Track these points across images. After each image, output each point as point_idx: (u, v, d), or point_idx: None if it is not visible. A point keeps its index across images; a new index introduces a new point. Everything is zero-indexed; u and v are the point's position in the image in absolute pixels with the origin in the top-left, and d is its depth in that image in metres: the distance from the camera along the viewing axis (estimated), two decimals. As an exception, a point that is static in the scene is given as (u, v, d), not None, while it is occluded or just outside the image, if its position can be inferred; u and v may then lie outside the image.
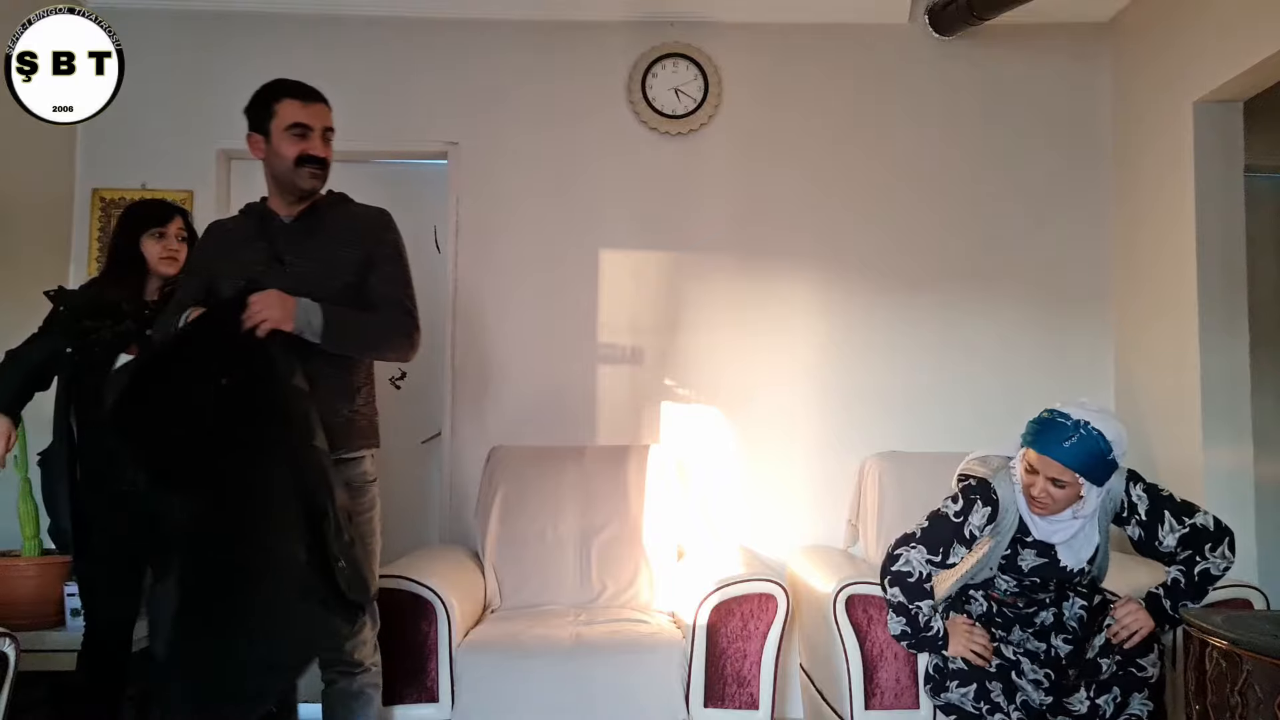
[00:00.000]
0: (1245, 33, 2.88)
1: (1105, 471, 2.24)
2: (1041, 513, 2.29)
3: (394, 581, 2.70)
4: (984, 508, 2.34)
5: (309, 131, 2.35)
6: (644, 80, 3.58)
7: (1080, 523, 2.30)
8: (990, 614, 2.44)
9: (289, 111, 2.33)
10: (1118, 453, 2.23)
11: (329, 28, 3.60)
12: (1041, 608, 2.40)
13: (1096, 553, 2.35)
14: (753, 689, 2.68)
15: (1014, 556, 2.36)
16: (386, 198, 3.68)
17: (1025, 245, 3.60)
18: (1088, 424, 2.21)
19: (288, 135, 2.33)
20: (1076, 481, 2.22)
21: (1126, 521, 2.33)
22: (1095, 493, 2.26)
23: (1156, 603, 2.32)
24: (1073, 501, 2.26)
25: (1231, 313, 3.10)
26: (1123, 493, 2.31)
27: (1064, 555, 2.34)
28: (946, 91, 3.63)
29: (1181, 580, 2.30)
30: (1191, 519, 2.30)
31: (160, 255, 2.72)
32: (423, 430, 3.67)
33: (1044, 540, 2.33)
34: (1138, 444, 3.43)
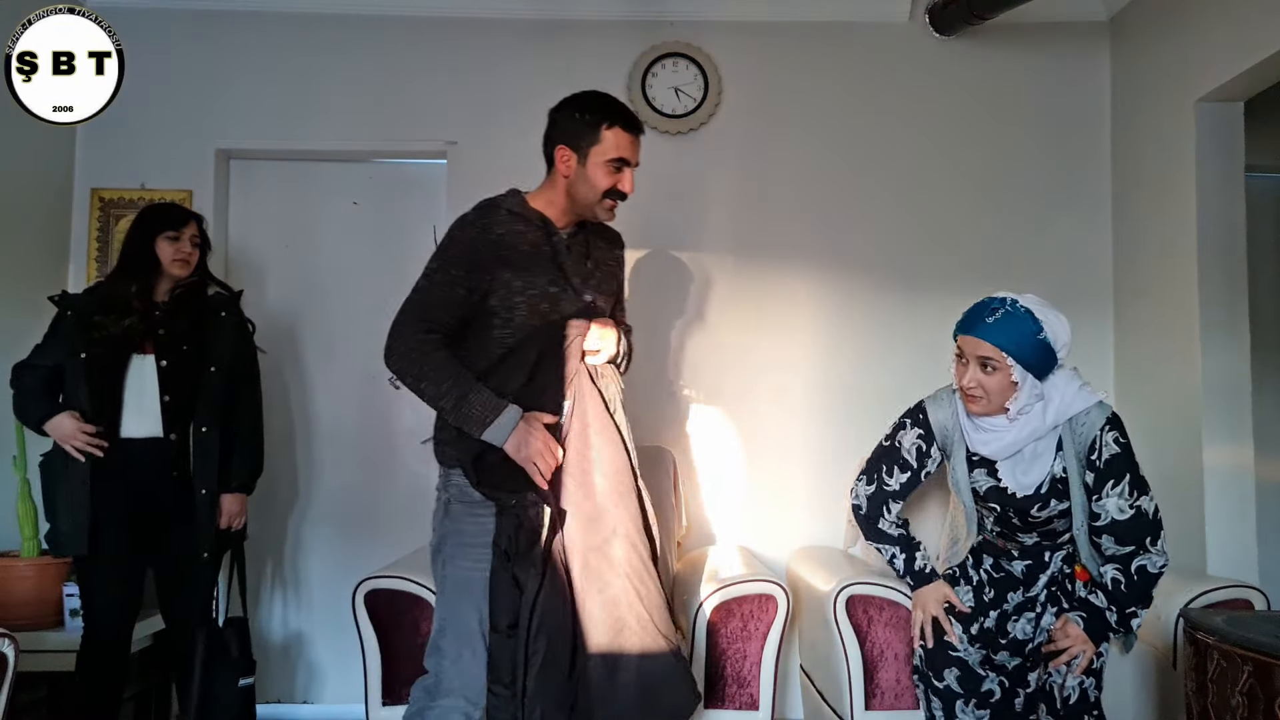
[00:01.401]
0: (1246, 32, 2.89)
1: (1037, 356, 2.06)
2: (974, 409, 2.14)
3: (394, 581, 2.70)
4: (913, 428, 2.30)
5: (626, 166, 2.27)
6: (644, 80, 3.57)
7: (1018, 430, 2.13)
8: (981, 584, 2.36)
9: (618, 143, 2.26)
10: (1052, 338, 2.07)
11: (329, 27, 3.60)
12: (1024, 562, 2.29)
13: (1050, 485, 2.17)
14: (753, 689, 2.68)
15: (972, 480, 2.26)
16: (385, 197, 3.72)
17: (1025, 245, 3.60)
18: (1015, 301, 2.10)
19: (606, 166, 2.26)
20: (1005, 363, 2.06)
21: (1093, 464, 2.14)
22: (1030, 384, 2.09)
23: (1100, 618, 2.19)
24: (1007, 394, 2.10)
25: (1232, 313, 3.10)
26: (1097, 430, 2.12)
27: (1005, 476, 2.19)
28: (946, 91, 3.63)
29: (1122, 581, 2.17)
30: (1139, 500, 2.14)
31: (173, 257, 2.74)
32: (423, 430, 3.65)
33: (982, 454, 2.19)
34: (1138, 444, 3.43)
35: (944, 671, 2.29)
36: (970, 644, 2.30)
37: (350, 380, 3.66)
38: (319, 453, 3.65)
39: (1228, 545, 3.04)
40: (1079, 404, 2.13)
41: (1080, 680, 2.17)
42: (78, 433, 2.63)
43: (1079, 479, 2.15)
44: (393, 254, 3.69)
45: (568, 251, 2.31)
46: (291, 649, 3.59)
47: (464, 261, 2.23)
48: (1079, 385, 2.14)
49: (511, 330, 2.22)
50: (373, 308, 3.66)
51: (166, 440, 2.71)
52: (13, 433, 2.99)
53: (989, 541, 2.34)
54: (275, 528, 3.59)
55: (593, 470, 2.19)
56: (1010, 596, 2.32)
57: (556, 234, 2.30)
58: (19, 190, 3.29)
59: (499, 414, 2.12)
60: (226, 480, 2.82)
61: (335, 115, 3.61)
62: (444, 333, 2.22)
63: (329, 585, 3.55)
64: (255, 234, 3.68)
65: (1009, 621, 2.31)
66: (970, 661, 2.29)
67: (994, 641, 2.31)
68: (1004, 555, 2.32)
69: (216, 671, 2.79)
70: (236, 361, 2.87)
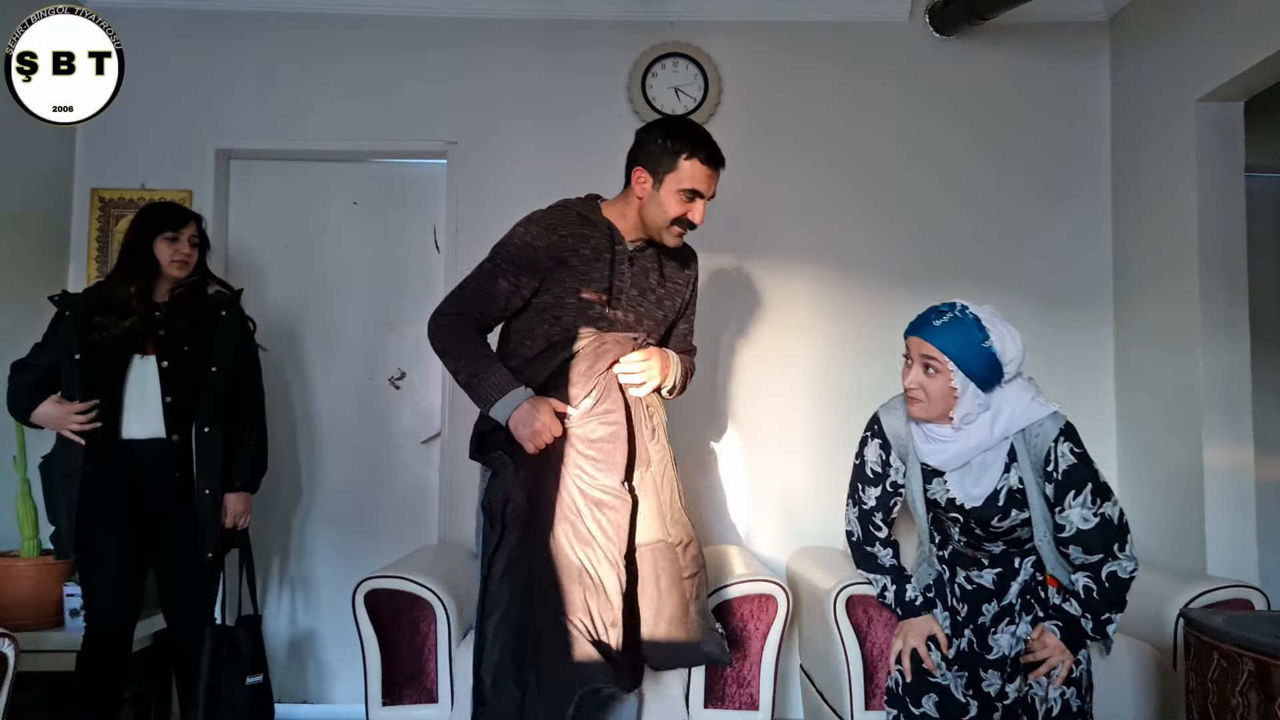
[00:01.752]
0: (1246, 32, 2.88)
1: (980, 364, 2.04)
2: (915, 412, 2.13)
3: (394, 582, 2.70)
4: (873, 440, 2.29)
5: (699, 197, 2.30)
6: (644, 79, 3.58)
7: (964, 441, 2.10)
8: (954, 603, 2.33)
9: (694, 175, 2.29)
10: (998, 349, 2.04)
11: (329, 27, 3.60)
12: (994, 570, 2.26)
13: (1008, 496, 2.14)
14: (753, 689, 2.68)
15: (931, 490, 2.23)
16: (385, 197, 3.72)
17: (1025, 245, 3.60)
18: (965, 308, 2.08)
19: (679, 194, 2.29)
20: (946, 367, 2.04)
21: (1050, 476, 2.12)
22: (972, 393, 2.06)
23: (1075, 626, 2.17)
24: (948, 400, 2.07)
25: (1232, 313, 3.10)
26: (1051, 441, 2.09)
27: (954, 487, 2.16)
28: (946, 91, 3.63)
29: (1094, 589, 2.15)
30: (1102, 507, 2.14)
31: (172, 258, 2.74)
32: (423, 430, 3.67)
33: (930, 465, 2.17)
34: (1138, 444, 3.44)
35: (922, 699, 2.23)
36: (949, 667, 2.24)
37: (351, 380, 3.66)
38: (320, 452, 3.65)
39: (1228, 545, 3.04)
40: (1030, 416, 2.10)
41: (1061, 691, 2.13)
42: (67, 415, 2.62)
43: (1038, 490, 2.12)
44: (393, 254, 3.69)
45: (630, 264, 2.35)
46: (294, 648, 3.59)
47: (516, 259, 2.33)
48: (1031, 397, 2.12)
49: (560, 330, 2.31)
50: (373, 307, 3.68)
51: (169, 441, 2.70)
52: (13, 433, 2.99)
53: (958, 552, 2.30)
54: (277, 527, 3.59)
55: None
56: (985, 609, 2.27)
57: (621, 243, 2.35)
58: (19, 190, 3.29)
59: (506, 392, 2.23)
60: (230, 479, 2.82)
61: (335, 115, 3.61)
62: (480, 322, 2.36)
63: (331, 585, 3.55)
64: (255, 234, 3.68)
65: (989, 636, 2.25)
66: (950, 687, 2.23)
67: (977, 662, 2.24)
68: (974, 565, 2.29)
69: (223, 670, 2.79)
70: (238, 360, 2.87)
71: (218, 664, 2.78)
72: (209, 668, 2.77)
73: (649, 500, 2.29)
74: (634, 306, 2.37)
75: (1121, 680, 2.69)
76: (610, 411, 2.29)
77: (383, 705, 2.69)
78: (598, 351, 2.30)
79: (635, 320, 2.38)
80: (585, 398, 2.28)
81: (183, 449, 2.72)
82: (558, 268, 2.31)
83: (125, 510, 2.67)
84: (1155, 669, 2.71)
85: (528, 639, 2.19)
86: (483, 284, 2.34)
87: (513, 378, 2.27)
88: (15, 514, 3.02)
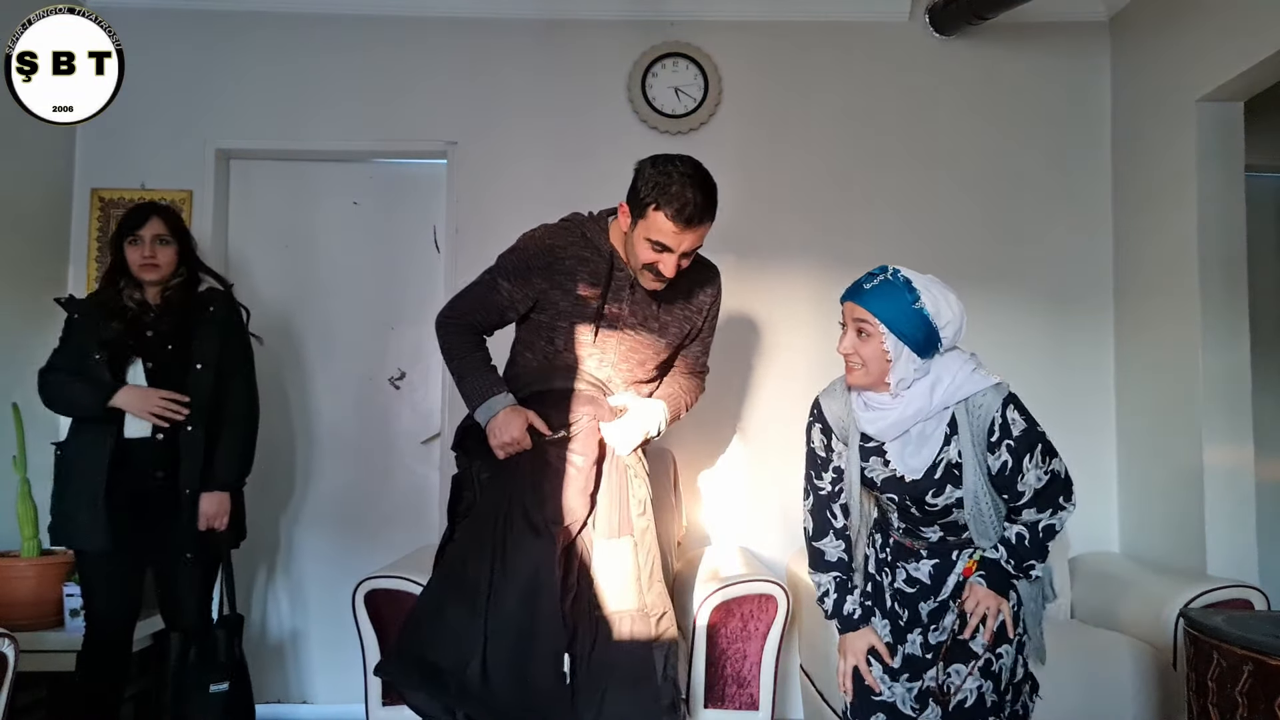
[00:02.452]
0: (1246, 32, 2.89)
1: (912, 325, 1.99)
2: (852, 379, 2.09)
3: (393, 581, 2.70)
4: (815, 425, 2.26)
5: (667, 251, 2.23)
6: (644, 79, 3.58)
7: (903, 408, 2.05)
8: (892, 607, 2.24)
9: (660, 228, 2.20)
10: (931, 311, 1.99)
11: (329, 27, 3.60)
12: (931, 562, 2.19)
13: (945, 470, 2.07)
14: (753, 689, 2.68)
15: (870, 468, 2.17)
16: (385, 197, 3.72)
17: (1025, 245, 3.60)
18: (897, 271, 2.03)
19: (646, 243, 2.23)
20: (877, 329, 1.99)
21: (997, 445, 2.05)
22: (907, 356, 2.01)
23: (997, 568, 2.08)
24: (883, 365, 2.02)
25: (1232, 313, 3.10)
26: (996, 412, 2.03)
27: (894, 458, 2.11)
28: (946, 90, 3.63)
29: (1026, 537, 2.07)
30: (1051, 464, 2.07)
31: (138, 262, 2.70)
32: (423, 430, 3.67)
33: (870, 434, 2.12)
34: (1138, 443, 3.44)
35: (870, 718, 2.16)
36: (895, 678, 2.16)
37: (350, 380, 3.66)
38: (318, 452, 3.64)
39: (1228, 545, 3.04)
40: (972, 386, 2.05)
41: (979, 684, 2.06)
42: (153, 396, 2.61)
43: (975, 463, 2.06)
44: (392, 254, 3.69)
45: (631, 291, 2.34)
46: (291, 649, 3.59)
47: (515, 273, 2.36)
48: (973, 369, 2.08)
49: (555, 348, 2.35)
50: (373, 307, 3.68)
51: (153, 440, 2.67)
52: (13, 432, 2.99)
53: (898, 543, 2.23)
54: (274, 528, 3.59)
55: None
56: (921, 608, 2.18)
57: (622, 270, 2.33)
58: (19, 190, 3.29)
59: (488, 398, 2.32)
60: (207, 478, 2.73)
61: (335, 115, 3.61)
62: (479, 327, 2.43)
63: (328, 585, 3.55)
64: (255, 234, 3.68)
65: (930, 633, 2.16)
66: (897, 702, 2.15)
67: (924, 667, 2.15)
68: (912, 557, 2.21)
69: (188, 677, 2.74)
70: (225, 357, 2.80)
71: (184, 671, 2.74)
72: (174, 675, 2.73)
73: (626, 567, 2.27)
74: (631, 334, 2.36)
75: (1121, 680, 2.70)
76: (579, 455, 2.29)
77: (383, 705, 2.69)
78: (583, 397, 2.33)
79: (630, 348, 2.37)
80: (563, 429, 2.30)
81: (166, 449, 2.68)
82: (552, 289, 2.31)
83: (125, 509, 2.66)
84: (1155, 669, 2.72)
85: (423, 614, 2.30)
86: (481, 292, 2.41)
87: (499, 383, 2.35)
88: (15, 514, 3.02)
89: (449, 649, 2.20)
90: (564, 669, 2.15)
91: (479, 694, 2.15)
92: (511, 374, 2.44)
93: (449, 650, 2.20)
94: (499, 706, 2.16)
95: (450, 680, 2.18)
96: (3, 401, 3.03)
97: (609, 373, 2.37)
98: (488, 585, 2.20)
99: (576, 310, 2.32)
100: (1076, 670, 2.71)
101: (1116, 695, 2.69)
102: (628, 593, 2.24)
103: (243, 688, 2.85)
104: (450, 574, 2.32)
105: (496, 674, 2.15)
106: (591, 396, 2.34)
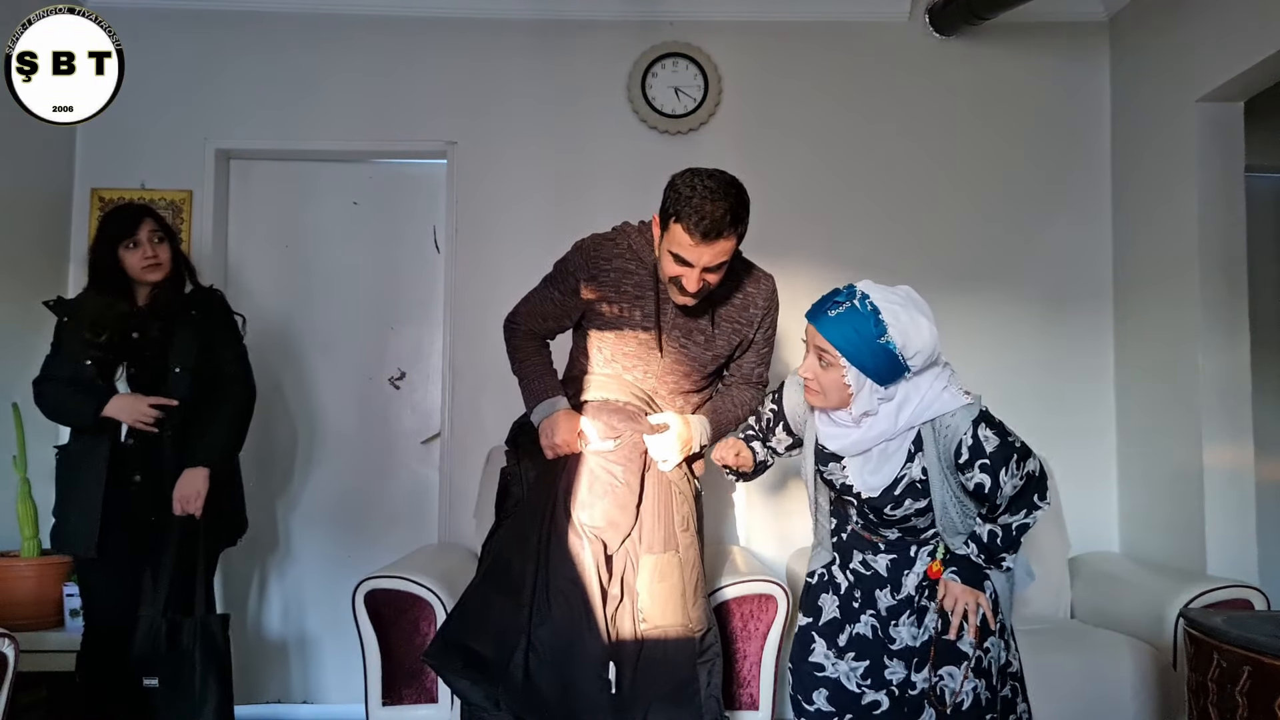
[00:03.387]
0: (1246, 32, 2.89)
1: (877, 361, 1.88)
2: (811, 402, 2.04)
3: (394, 581, 2.70)
4: (770, 404, 2.25)
5: (689, 267, 2.21)
6: (644, 79, 3.57)
7: (865, 431, 1.98)
8: (849, 590, 2.21)
9: (679, 241, 2.18)
10: (899, 343, 1.87)
11: (328, 27, 3.60)
12: (888, 556, 2.14)
13: (907, 487, 2.01)
14: (753, 689, 2.68)
15: (828, 471, 2.13)
16: (385, 197, 3.72)
17: (1025, 245, 3.60)
18: (865, 297, 1.89)
19: (670, 255, 2.22)
20: (839, 362, 1.90)
21: (969, 466, 1.95)
22: (869, 390, 1.92)
23: (968, 563, 2.03)
24: (843, 394, 1.93)
25: (1232, 313, 3.10)
26: (965, 433, 1.93)
27: (852, 475, 2.03)
28: (946, 91, 3.63)
29: (999, 535, 2.02)
30: (1025, 467, 1.99)
31: (141, 264, 2.68)
32: (423, 430, 3.67)
33: (830, 450, 2.07)
34: (1138, 443, 3.44)
35: (813, 694, 2.14)
36: (841, 656, 2.14)
37: (350, 380, 3.66)
38: (318, 452, 3.64)
39: (1228, 545, 3.04)
40: (941, 407, 1.94)
41: (974, 684, 2.02)
42: (141, 403, 2.60)
43: (942, 481, 1.99)
44: (392, 254, 3.69)
45: (675, 304, 2.34)
46: (291, 649, 3.59)
47: (564, 283, 2.43)
48: (944, 386, 1.97)
49: (602, 359, 2.39)
50: (373, 307, 3.68)
51: (126, 444, 2.65)
52: (13, 432, 2.99)
53: (856, 534, 2.19)
54: (275, 527, 3.59)
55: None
56: (878, 596, 2.14)
57: (665, 282, 2.32)
58: (19, 190, 3.29)
59: (543, 400, 2.39)
60: (191, 455, 2.67)
61: (335, 115, 3.61)
62: (538, 333, 2.51)
63: (328, 585, 3.55)
64: (255, 234, 3.68)
65: (889, 627, 2.13)
66: (842, 679, 2.13)
67: (881, 650, 2.12)
68: (870, 549, 2.17)
69: (121, 672, 2.62)
70: (210, 347, 2.76)
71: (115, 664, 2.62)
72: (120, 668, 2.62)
73: (671, 583, 2.25)
74: (675, 347, 2.35)
75: (1121, 680, 2.70)
76: (621, 467, 2.27)
77: (383, 705, 2.69)
78: (626, 410, 2.34)
79: (674, 361, 2.36)
80: (606, 440, 2.30)
81: (144, 453, 2.66)
82: (598, 300, 2.34)
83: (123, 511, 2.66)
84: (1155, 669, 2.72)
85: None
86: (538, 299, 2.49)
87: (557, 387, 2.42)
88: (15, 514, 3.02)
89: (493, 640, 2.20)
90: (609, 677, 2.13)
91: (522, 689, 2.14)
92: (568, 377, 2.49)
93: (493, 641, 2.20)
94: (540, 704, 2.14)
95: (495, 670, 2.17)
96: (3, 401, 3.04)
97: (653, 384, 2.38)
98: (532, 580, 2.19)
99: (620, 321, 2.33)
100: (1076, 670, 2.71)
101: (1116, 695, 2.69)
102: (673, 608, 2.22)
103: (194, 685, 2.66)
104: (495, 567, 2.32)
105: (540, 673, 2.15)
106: (632, 413, 2.34)
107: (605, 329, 2.36)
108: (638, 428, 2.32)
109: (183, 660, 2.63)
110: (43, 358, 2.75)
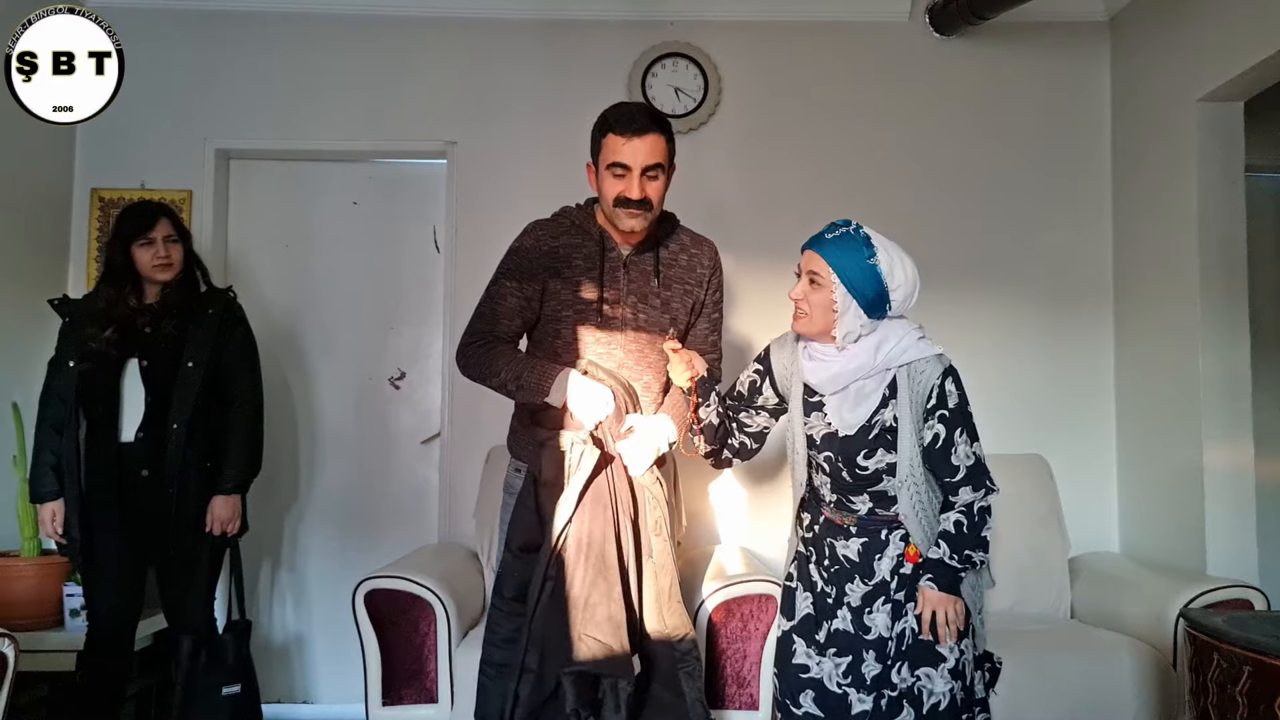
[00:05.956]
0: (1246, 32, 2.89)
1: (864, 280, 2.06)
2: (797, 326, 2.15)
3: (394, 581, 2.70)
4: (753, 364, 2.31)
5: (627, 171, 2.23)
6: (644, 79, 3.58)
7: (845, 362, 2.10)
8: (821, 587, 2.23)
9: (613, 147, 2.23)
10: (884, 270, 2.06)
11: (328, 26, 3.60)
12: (859, 540, 2.16)
13: (880, 433, 2.10)
14: (753, 689, 2.68)
15: (809, 425, 2.21)
16: (385, 197, 3.72)
17: (1025, 245, 3.60)
18: (859, 227, 2.11)
19: (609, 174, 2.24)
20: (829, 279, 2.07)
21: (931, 414, 2.09)
22: (854, 311, 2.07)
23: (942, 565, 2.06)
24: (829, 315, 2.08)
25: (1232, 313, 3.11)
26: (936, 380, 2.09)
27: (831, 413, 2.14)
28: (946, 90, 3.63)
29: (964, 523, 2.07)
30: (974, 447, 2.10)
31: (152, 263, 2.71)
32: (423, 430, 3.67)
33: (813, 385, 2.17)
34: (1139, 443, 3.44)
35: (800, 696, 2.16)
36: (823, 652, 2.16)
37: (350, 380, 3.66)
38: (318, 452, 3.65)
39: (1228, 545, 3.04)
40: (915, 352, 2.11)
41: (949, 685, 2.06)
42: (46, 524, 2.71)
43: (911, 429, 2.10)
44: (392, 254, 3.69)
45: (625, 270, 2.33)
46: (291, 649, 3.59)
47: (517, 271, 2.34)
48: (919, 337, 2.14)
49: (562, 342, 2.31)
50: (373, 307, 3.69)
51: (137, 439, 2.68)
52: (13, 433, 2.99)
53: (828, 520, 2.22)
54: (275, 528, 3.59)
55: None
56: (849, 589, 2.16)
57: (614, 249, 2.33)
58: (19, 190, 3.29)
59: (554, 378, 2.22)
60: (218, 482, 2.77)
61: (334, 115, 3.61)
62: (501, 336, 2.34)
63: (328, 585, 3.55)
64: (255, 234, 3.68)
65: (864, 616, 2.14)
66: (825, 680, 2.14)
67: (858, 644, 2.14)
68: (841, 534, 2.19)
69: (200, 679, 2.75)
70: (225, 359, 2.80)
71: (194, 673, 2.75)
72: (185, 676, 2.73)
73: (648, 590, 2.24)
74: (633, 314, 2.34)
75: (1121, 680, 2.70)
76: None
77: (383, 705, 2.69)
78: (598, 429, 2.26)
79: (636, 328, 2.34)
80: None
81: (151, 447, 2.68)
82: (552, 278, 2.31)
83: (124, 511, 2.66)
84: (1155, 669, 2.72)
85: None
86: (492, 304, 2.35)
87: (550, 363, 2.27)
88: (15, 514, 3.02)
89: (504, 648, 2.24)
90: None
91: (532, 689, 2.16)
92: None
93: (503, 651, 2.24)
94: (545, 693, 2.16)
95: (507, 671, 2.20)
96: (3, 401, 3.03)
97: (619, 356, 2.33)
98: (539, 590, 2.17)
99: (577, 298, 2.31)
100: (1076, 670, 2.72)
101: (1116, 695, 2.69)
102: (649, 616, 2.22)
103: (251, 690, 2.87)
104: (506, 570, 2.32)
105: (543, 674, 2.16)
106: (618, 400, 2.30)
107: (563, 308, 2.31)
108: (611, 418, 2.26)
109: (249, 667, 2.84)
110: (43, 356, 2.76)
